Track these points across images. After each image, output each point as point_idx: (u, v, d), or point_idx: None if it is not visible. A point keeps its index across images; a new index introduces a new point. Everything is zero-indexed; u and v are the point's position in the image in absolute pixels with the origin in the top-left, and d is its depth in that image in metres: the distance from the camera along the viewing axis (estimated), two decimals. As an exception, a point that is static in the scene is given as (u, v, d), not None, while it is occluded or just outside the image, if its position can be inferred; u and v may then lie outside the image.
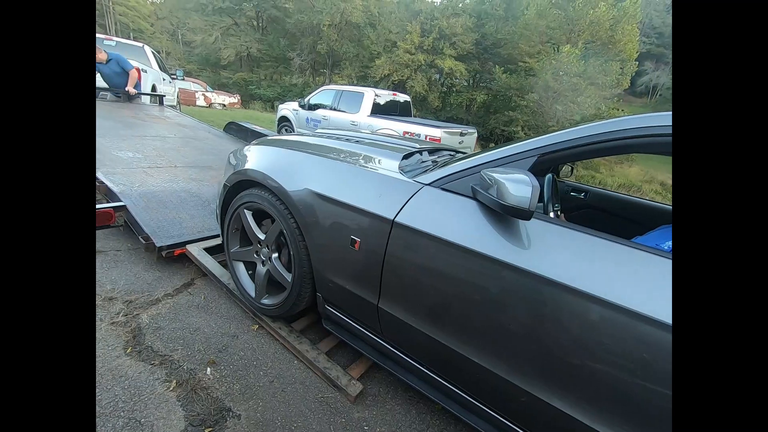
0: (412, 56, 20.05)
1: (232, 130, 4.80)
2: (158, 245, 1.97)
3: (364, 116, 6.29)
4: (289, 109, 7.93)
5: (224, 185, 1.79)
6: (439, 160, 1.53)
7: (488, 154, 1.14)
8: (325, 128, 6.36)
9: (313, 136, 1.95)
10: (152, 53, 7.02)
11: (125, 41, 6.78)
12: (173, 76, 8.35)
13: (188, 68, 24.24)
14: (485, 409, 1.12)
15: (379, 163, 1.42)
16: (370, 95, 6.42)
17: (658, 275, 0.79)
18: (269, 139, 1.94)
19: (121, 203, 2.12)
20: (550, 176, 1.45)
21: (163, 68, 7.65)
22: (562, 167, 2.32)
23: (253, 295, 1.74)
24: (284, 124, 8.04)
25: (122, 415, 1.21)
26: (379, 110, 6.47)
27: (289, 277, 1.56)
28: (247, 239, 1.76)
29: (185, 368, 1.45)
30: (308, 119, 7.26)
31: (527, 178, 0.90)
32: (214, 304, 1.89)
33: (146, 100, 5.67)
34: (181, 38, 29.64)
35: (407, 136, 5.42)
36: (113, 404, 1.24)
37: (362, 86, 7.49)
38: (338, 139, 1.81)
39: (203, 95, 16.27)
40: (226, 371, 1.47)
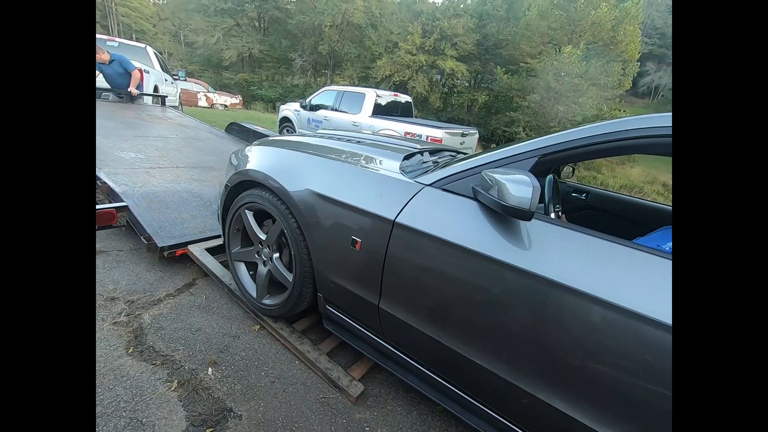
0: (413, 57, 20.04)
1: (233, 130, 4.81)
2: (160, 245, 1.98)
3: (365, 117, 6.29)
4: (290, 109, 7.95)
5: (225, 185, 1.79)
6: (440, 160, 1.53)
7: (489, 154, 1.14)
8: (326, 129, 6.38)
9: (314, 136, 1.96)
10: (154, 54, 7.04)
11: (128, 42, 6.81)
12: (175, 76, 8.38)
13: (190, 69, 24.32)
14: (486, 410, 1.12)
15: (380, 163, 1.42)
16: (371, 96, 6.43)
17: (659, 276, 0.79)
18: (270, 139, 1.94)
19: (123, 203, 2.13)
20: (551, 177, 1.45)
21: (165, 69, 7.68)
22: (563, 168, 2.32)
23: (254, 295, 1.74)
24: (286, 124, 8.06)
25: (124, 414, 1.21)
26: (380, 111, 6.48)
27: (290, 277, 1.56)
28: (248, 240, 1.76)
29: (187, 368, 1.45)
30: (310, 120, 7.27)
31: (528, 178, 0.90)
32: (215, 304, 1.89)
33: (148, 100, 5.69)
34: (183, 39, 29.73)
35: (408, 136, 5.43)
36: (115, 404, 1.25)
37: (364, 87, 7.50)
38: (339, 139, 1.82)
39: (205, 96, 16.32)
40: (227, 371, 1.47)
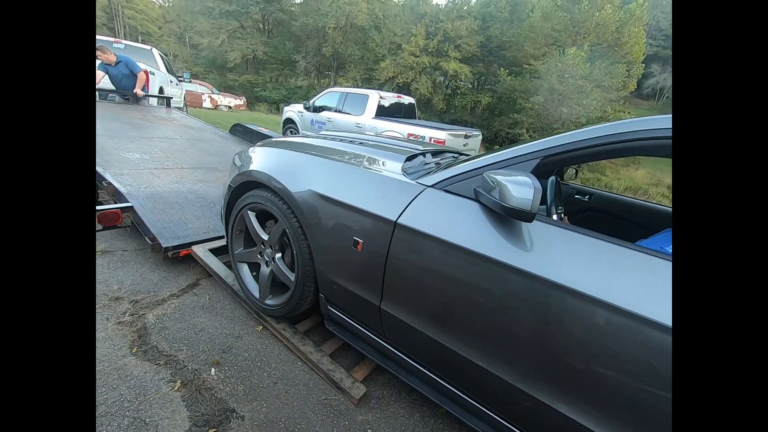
0: (416, 59, 20.08)
1: (237, 131, 4.84)
2: (164, 246, 1.99)
3: (368, 118, 6.31)
4: (294, 111, 7.98)
5: (229, 186, 1.80)
6: (442, 162, 1.54)
7: (491, 156, 1.15)
8: (329, 130, 6.40)
9: (317, 137, 1.96)
10: (160, 56, 7.10)
11: (134, 44, 6.87)
12: (180, 78, 8.44)
13: (195, 71, 24.48)
14: (489, 413, 1.12)
15: (382, 164, 1.42)
16: (374, 97, 6.45)
17: (662, 279, 0.78)
18: (274, 140, 1.95)
19: (128, 204, 2.15)
20: (553, 179, 1.45)
21: (170, 71, 7.74)
22: (566, 170, 2.31)
23: (257, 295, 1.75)
24: (289, 125, 8.09)
25: (128, 414, 1.22)
26: (383, 112, 6.49)
27: (292, 276, 1.57)
28: (251, 240, 1.77)
29: (190, 368, 1.46)
30: (313, 121, 7.30)
31: (529, 180, 0.90)
32: (218, 304, 1.90)
33: (154, 102, 5.74)
34: (188, 41, 29.96)
35: (411, 138, 5.43)
36: (119, 403, 1.25)
37: (367, 88, 7.52)
38: (342, 140, 1.82)
39: (209, 97, 16.44)
40: (230, 372, 1.48)
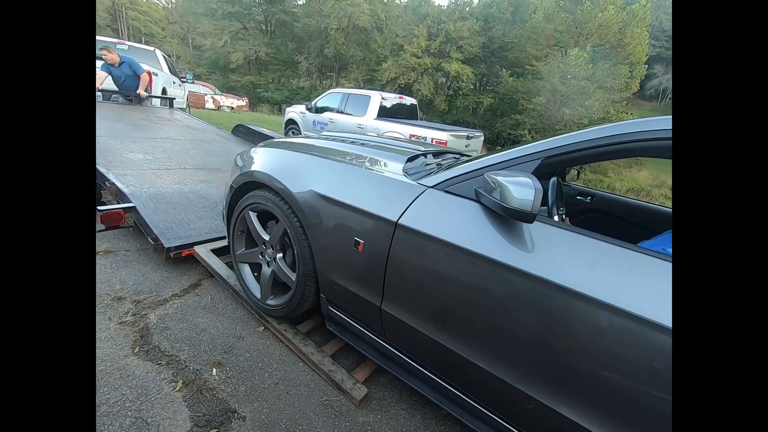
0: (418, 60, 20.10)
1: (240, 132, 4.85)
2: (167, 246, 2.00)
3: (370, 119, 6.32)
4: (296, 112, 8.00)
5: (231, 186, 1.81)
6: (443, 162, 1.54)
7: (492, 157, 1.14)
8: (331, 131, 6.41)
9: (319, 138, 1.97)
10: (163, 57, 7.14)
11: (137, 45, 6.91)
12: (183, 79, 8.49)
13: (198, 71, 24.59)
14: (491, 414, 1.11)
15: (383, 165, 1.43)
16: (376, 98, 6.45)
17: (664, 280, 0.78)
18: (276, 141, 1.96)
19: (131, 204, 2.16)
20: (554, 180, 1.44)
21: (173, 72, 7.78)
22: (568, 171, 2.30)
23: (258, 296, 1.75)
24: (291, 126, 8.11)
25: (129, 414, 1.23)
26: (385, 113, 6.49)
27: (293, 276, 1.57)
28: (252, 241, 1.78)
29: (191, 369, 1.46)
30: (315, 122, 7.31)
31: (530, 181, 0.90)
32: (220, 305, 1.90)
33: (157, 102, 5.76)
34: (191, 42, 30.11)
35: (413, 139, 5.43)
36: (121, 403, 1.26)
37: (369, 89, 7.53)
38: (343, 141, 1.83)
39: (212, 98, 16.50)
40: (231, 372, 1.48)
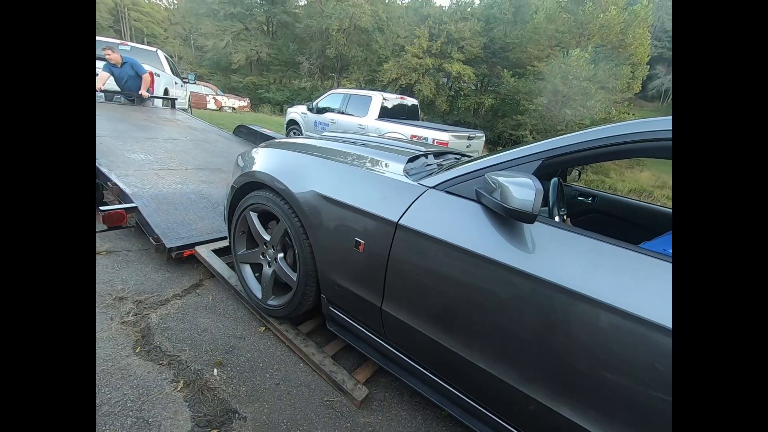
0: (420, 60, 20.08)
1: (241, 133, 4.86)
2: (168, 246, 2.00)
3: (371, 120, 6.32)
4: (297, 112, 8.02)
5: (232, 187, 1.81)
6: (444, 163, 1.54)
7: (493, 157, 1.14)
8: (332, 131, 6.41)
9: (320, 139, 1.97)
10: (165, 58, 7.16)
11: (139, 46, 6.94)
12: (185, 79, 8.51)
13: (200, 72, 24.66)
14: (492, 416, 1.11)
15: (384, 165, 1.43)
16: (377, 99, 6.46)
17: (665, 281, 0.77)
18: (277, 141, 1.96)
19: (132, 204, 2.16)
20: (555, 180, 1.44)
21: (175, 72, 7.80)
22: (570, 171, 2.30)
23: (259, 296, 1.75)
24: (293, 127, 8.13)
25: (131, 414, 1.23)
26: (386, 114, 6.50)
27: (294, 276, 1.57)
28: (253, 242, 1.78)
29: (193, 369, 1.46)
30: (316, 122, 7.32)
31: (531, 181, 0.90)
32: (221, 305, 1.91)
33: (159, 103, 5.78)
34: (193, 43, 30.21)
35: (415, 139, 5.43)
36: (122, 403, 1.26)
37: (370, 90, 7.53)
38: (344, 142, 1.83)
39: (214, 99, 16.54)
40: (232, 372, 1.48)
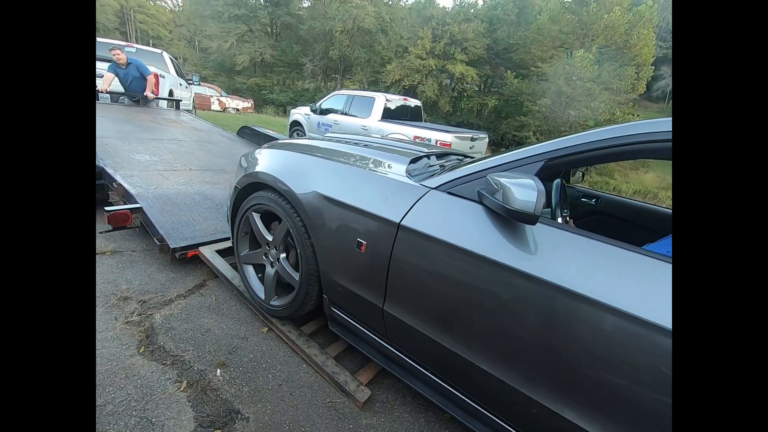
0: (423, 61, 20.09)
1: (245, 134, 4.88)
2: (172, 247, 2.02)
3: (374, 121, 6.33)
4: (300, 113, 8.04)
5: (235, 187, 1.82)
6: (446, 164, 1.53)
7: (495, 158, 1.14)
8: (335, 132, 6.43)
9: (323, 140, 1.97)
10: (170, 59, 7.22)
11: (145, 48, 6.99)
12: (190, 81, 8.57)
13: (204, 74, 24.71)
14: (495, 419, 1.10)
15: (386, 166, 1.43)
16: (381, 100, 6.46)
17: (669, 283, 0.77)
18: (280, 142, 1.97)
19: (137, 205, 2.18)
20: (558, 181, 1.44)
21: (180, 74, 7.86)
22: (574, 173, 2.29)
23: (262, 297, 1.76)
24: (296, 128, 8.15)
25: (134, 414, 1.24)
26: (389, 115, 6.50)
27: (296, 276, 1.57)
28: (256, 242, 1.78)
29: (196, 369, 1.47)
30: (319, 123, 7.34)
31: (533, 182, 0.90)
32: (224, 305, 1.91)
33: (163, 104, 5.83)
34: (197, 45, 30.40)
35: (418, 140, 5.43)
36: (126, 403, 1.27)
37: (373, 91, 7.54)
38: (347, 143, 1.83)
39: (218, 100, 16.62)
40: (235, 373, 1.48)
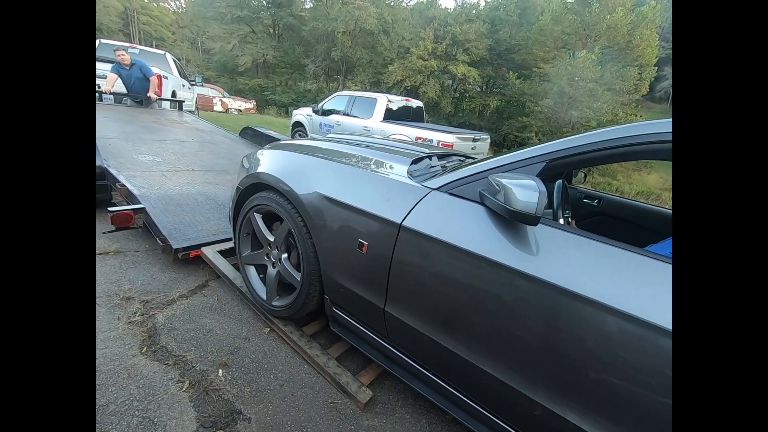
0: (425, 62, 20.09)
1: (247, 134, 4.90)
2: (175, 247, 2.02)
3: (376, 122, 6.33)
4: (303, 114, 8.06)
5: (237, 188, 1.82)
6: (448, 165, 1.53)
7: (497, 159, 1.14)
8: (337, 133, 6.44)
9: (324, 140, 1.98)
10: (173, 60, 7.25)
11: (148, 49, 7.04)
12: (192, 82, 8.61)
13: (207, 75, 24.87)
14: (498, 420, 1.10)
15: (387, 167, 1.43)
16: (382, 101, 6.47)
17: (670, 284, 0.77)
18: (282, 143, 1.97)
19: (140, 205, 2.19)
20: (560, 182, 1.43)
21: (183, 75, 7.90)
22: (576, 173, 2.29)
23: (264, 297, 1.76)
24: (298, 129, 8.17)
25: (136, 414, 1.24)
26: (391, 116, 6.50)
27: (298, 276, 1.58)
28: (258, 243, 1.79)
29: (198, 369, 1.47)
30: (321, 124, 7.35)
31: (534, 183, 0.90)
32: (227, 306, 1.92)
33: (166, 105, 5.86)
34: (200, 46, 30.54)
35: (420, 141, 5.43)
36: (128, 402, 1.27)
37: (375, 92, 7.55)
38: (349, 144, 1.83)
39: (220, 101, 16.70)
40: (237, 373, 1.49)
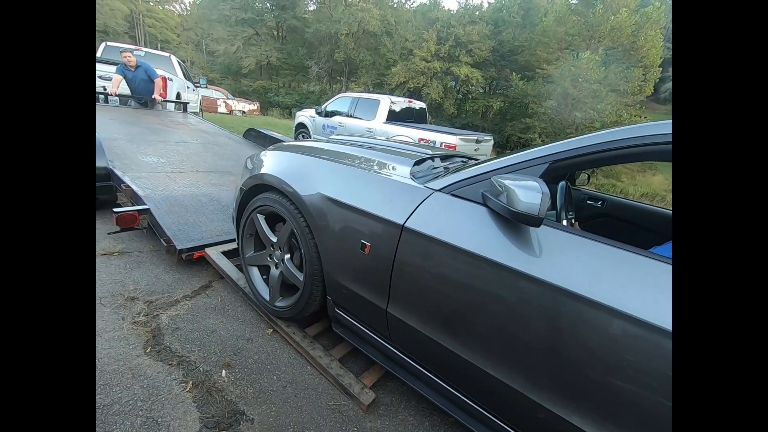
0: (428, 64, 20.10)
1: (251, 136, 4.93)
2: (179, 248, 2.03)
3: (379, 123, 6.34)
4: (306, 116, 8.08)
5: (240, 189, 1.83)
6: (450, 166, 1.53)
7: (499, 160, 1.14)
8: (340, 135, 6.46)
9: (327, 142, 1.99)
10: (178, 62, 7.32)
11: (153, 51, 7.11)
12: (197, 84, 8.68)
13: (211, 76, 25.06)
14: (500, 422, 1.09)
15: (390, 168, 1.43)
16: (386, 102, 6.48)
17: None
18: (285, 144, 1.98)
19: (145, 206, 2.21)
20: (563, 184, 1.43)
21: (187, 77, 7.96)
22: (579, 175, 2.28)
23: (267, 298, 1.77)
24: (301, 130, 8.19)
25: (140, 414, 1.25)
26: (394, 117, 6.51)
27: (301, 276, 1.58)
28: (261, 244, 1.80)
29: (201, 370, 1.48)
30: (325, 126, 7.37)
31: (537, 184, 0.90)
32: (230, 306, 1.93)
33: (171, 107, 5.91)
34: (205, 48, 30.76)
35: (423, 143, 5.43)
36: (132, 402, 1.28)
37: (378, 93, 7.56)
38: (352, 145, 1.84)
39: (224, 102, 16.79)
40: (240, 374, 1.49)
